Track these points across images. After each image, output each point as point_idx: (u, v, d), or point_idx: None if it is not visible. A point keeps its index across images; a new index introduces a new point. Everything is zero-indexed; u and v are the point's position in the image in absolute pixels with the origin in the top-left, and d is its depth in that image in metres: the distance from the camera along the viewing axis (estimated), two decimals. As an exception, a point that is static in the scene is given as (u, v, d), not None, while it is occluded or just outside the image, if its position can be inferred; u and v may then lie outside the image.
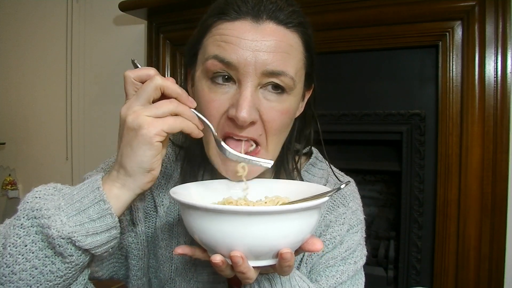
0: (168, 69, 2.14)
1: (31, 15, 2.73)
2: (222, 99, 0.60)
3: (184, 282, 0.71)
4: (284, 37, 0.61)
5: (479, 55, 1.46)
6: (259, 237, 0.47)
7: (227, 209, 0.46)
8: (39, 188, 0.55)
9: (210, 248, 0.51)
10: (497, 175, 1.44)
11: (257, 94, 0.61)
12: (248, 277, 0.50)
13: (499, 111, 1.44)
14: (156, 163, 0.54)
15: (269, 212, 0.46)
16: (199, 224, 0.49)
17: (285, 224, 0.47)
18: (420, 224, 1.62)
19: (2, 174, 2.87)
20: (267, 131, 0.62)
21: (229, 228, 0.46)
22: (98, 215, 0.52)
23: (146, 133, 0.52)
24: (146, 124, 0.52)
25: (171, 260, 0.72)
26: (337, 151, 1.76)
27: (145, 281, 0.75)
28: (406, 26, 1.58)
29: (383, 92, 1.70)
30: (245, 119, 0.58)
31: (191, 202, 0.48)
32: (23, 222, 0.52)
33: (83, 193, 0.53)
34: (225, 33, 0.60)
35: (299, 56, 0.64)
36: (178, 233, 0.73)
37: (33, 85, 2.76)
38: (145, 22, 2.19)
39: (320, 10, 1.68)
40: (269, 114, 0.61)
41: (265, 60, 0.58)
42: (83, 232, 0.51)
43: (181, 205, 0.52)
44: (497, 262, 1.46)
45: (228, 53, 0.58)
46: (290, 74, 0.61)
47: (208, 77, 0.61)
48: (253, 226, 0.46)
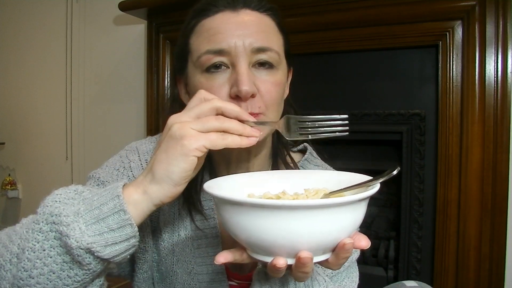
0: (168, 69, 2.14)
1: (31, 15, 2.73)
2: (221, 83, 0.66)
3: (185, 274, 0.73)
4: (261, 20, 0.69)
5: (479, 55, 1.46)
6: (326, 232, 0.44)
7: (297, 204, 0.42)
8: (60, 191, 0.55)
9: (264, 249, 0.47)
10: (497, 175, 1.44)
11: (251, 71, 0.66)
12: (308, 275, 0.49)
13: (499, 111, 1.44)
14: (184, 179, 0.53)
15: (340, 204, 0.43)
16: (254, 224, 0.44)
17: (348, 215, 0.45)
18: (420, 224, 1.62)
19: (2, 174, 2.87)
20: (266, 103, 0.67)
21: (295, 225, 0.43)
22: (117, 225, 0.51)
23: (186, 144, 0.51)
24: (189, 136, 0.51)
25: (173, 252, 0.74)
26: (337, 151, 1.76)
27: (150, 274, 0.76)
28: (406, 26, 1.58)
29: (383, 92, 1.70)
30: (247, 91, 0.63)
31: (251, 200, 0.45)
32: (42, 226, 0.51)
33: (103, 199, 0.52)
34: (210, 27, 0.66)
35: (277, 35, 0.71)
36: (179, 226, 0.74)
37: (33, 85, 2.76)
38: (145, 22, 2.19)
39: (320, 10, 1.68)
40: (265, 86, 0.67)
41: (251, 40, 0.65)
42: (102, 243, 0.51)
43: (229, 204, 0.47)
44: (497, 262, 1.46)
45: (218, 42, 0.65)
46: (275, 49, 0.68)
47: (203, 70, 0.66)
48: (321, 221, 0.43)
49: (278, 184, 0.61)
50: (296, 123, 0.60)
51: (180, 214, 0.74)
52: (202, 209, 0.74)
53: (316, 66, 1.79)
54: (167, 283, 0.75)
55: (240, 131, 0.55)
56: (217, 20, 0.67)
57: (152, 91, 2.17)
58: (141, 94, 2.33)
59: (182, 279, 0.73)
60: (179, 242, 0.74)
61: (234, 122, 0.55)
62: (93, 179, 0.73)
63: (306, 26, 1.68)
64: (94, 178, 0.73)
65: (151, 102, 2.18)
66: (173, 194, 0.54)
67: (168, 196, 0.54)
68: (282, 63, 0.71)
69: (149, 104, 2.19)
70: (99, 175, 0.73)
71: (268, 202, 0.43)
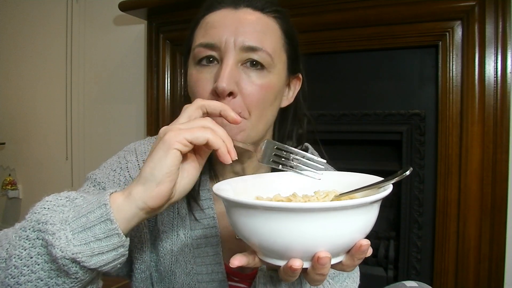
0: (168, 69, 2.14)
1: (31, 15, 2.73)
2: (207, 78, 0.65)
3: (184, 274, 0.72)
4: (260, 20, 0.67)
5: (479, 55, 1.46)
6: (341, 234, 0.44)
7: (312, 206, 0.42)
8: (50, 198, 0.53)
9: (277, 253, 0.46)
10: (497, 175, 1.44)
11: (238, 70, 0.65)
12: (325, 278, 0.48)
13: (499, 111, 1.44)
14: (167, 176, 0.50)
15: (357, 205, 0.43)
16: (268, 227, 0.43)
17: (362, 216, 0.45)
18: (420, 224, 1.62)
19: (2, 174, 2.87)
20: (248, 105, 0.65)
21: (310, 227, 0.42)
22: (104, 235, 0.50)
23: (167, 138, 0.50)
24: (171, 131, 0.51)
25: (171, 252, 0.73)
26: (337, 151, 1.76)
27: (148, 275, 0.76)
28: (406, 26, 1.58)
29: (383, 92, 1.70)
30: (223, 88, 0.61)
31: (265, 203, 0.43)
32: (28, 234, 0.51)
33: (91, 207, 0.51)
34: (208, 21, 0.67)
35: (276, 38, 0.69)
36: (178, 226, 0.74)
37: (33, 85, 2.76)
38: (145, 22, 2.19)
39: (320, 10, 1.68)
40: (247, 87, 0.65)
41: (243, 38, 0.64)
42: (88, 253, 0.49)
43: (241, 207, 0.46)
44: (497, 262, 1.46)
45: (211, 36, 0.65)
46: (267, 50, 0.65)
47: (195, 63, 0.67)
48: (336, 222, 0.43)
49: (288, 185, 0.60)
50: (273, 149, 0.60)
51: (179, 214, 0.74)
52: (201, 206, 0.74)
53: (316, 66, 1.79)
54: (166, 283, 0.74)
55: (223, 138, 0.53)
56: (217, 15, 0.67)
57: (152, 91, 2.17)
58: (141, 94, 2.33)
59: (181, 279, 0.72)
60: (178, 242, 0.74)
61: (221, 129, 0.53)
62: (90, 180, 0.73)
63: (306, 26, 1.68)
64: (91, 179, 0.73)
65: (151, 102, 2.18)
66: (156, 194, 0.51)
67: (151, 196, 0.51)
68: (277, 67, 0.68)
69: (149, 104, 2.19)
70: (96, 176, 0.73)
71: (282, 205, 0.42)
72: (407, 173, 0.49)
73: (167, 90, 2.15)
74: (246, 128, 0.65)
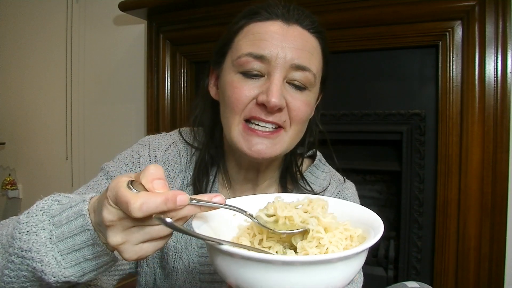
0: (168, 69, 2.14)
1: (31, 15, 2.73)
2: (252, 87, 0.67)
3: (186, 272, 0.74)
4: (308, 40, 0.70)
5: (479, 55, 1.46)
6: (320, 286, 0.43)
7: (300, 259, 0.41)
8: (25, 219, 0.50)
9: None
10: (497, 175, 1.45)
11: (284, 85, 0.68)
12: None
13: (499, 111, 1.44)
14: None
15: (336, 259, 0.42)
16: (247, 275, 0.43)
17: (346, 267, 0.44)
18: (420, 224, 1.62)
19: (2, 174, 2.87)
20: (292, 119, 0.69)
21: (300, 278, 0.41)
22: (93, 256, 0.49)
23: (120, 251, 0.45)
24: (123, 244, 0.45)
25: (175, 249, 0.75)
26: (337, 151, 1.75)
27: (152, 270, 0.78)
28: (406, 26, 1.58)
29: (383, 92, 1.70)
30: (276, 103, 0.64)
31: (255, 255, 0.41)
32: (14, 259, 0.50)
33: (73, 226, 0.48)
34: (258, 31, 0.68)
35: (319, 58, 0.72)
36: None
37: (33, 85, 2.76)
38: (145, 22, 2.19)
39: (320, 10, 1.68)
40: (295, 103, 0.68)
41: (293, 55, 0.67)
42: (80, 273, 0.50)
43: (219, 252, 0.44)
44: (497, 262, 1.46)
45: (262, 48, 0.66)
46: (313, 71, 0.69)
47: (238, 71, 0.68)
48: (317, 275, 0.42)
49: None
50: None
51: None
52: None
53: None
54: (169, 279, 0.76)
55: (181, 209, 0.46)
56: (266, 26, 0.68)
57: (152, 91, 2.17)
58: (141, 94, 2.33)
59: (183, 277, 0.74)
60: (182, 240, 0.75)
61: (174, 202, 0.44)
62: (104, 172, 0.75)
63: (306, 26, 1.68)
64: (104, 171, 0.75)
65: (151, 102, 2.18)
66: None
67: None
68: (316, 86, 0.72)
69: (149, 104, 2.19)
70: (109, 168, 0.75)
71: (259, 256, 0.41)
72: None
73: (167, 90, 2.15)
74: (282, 140, 0.69)
